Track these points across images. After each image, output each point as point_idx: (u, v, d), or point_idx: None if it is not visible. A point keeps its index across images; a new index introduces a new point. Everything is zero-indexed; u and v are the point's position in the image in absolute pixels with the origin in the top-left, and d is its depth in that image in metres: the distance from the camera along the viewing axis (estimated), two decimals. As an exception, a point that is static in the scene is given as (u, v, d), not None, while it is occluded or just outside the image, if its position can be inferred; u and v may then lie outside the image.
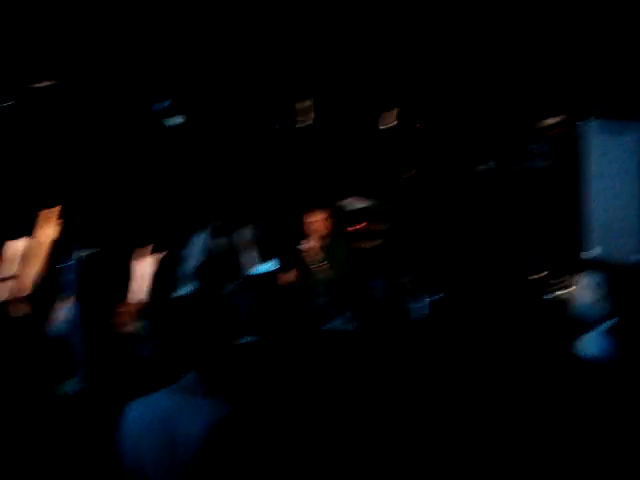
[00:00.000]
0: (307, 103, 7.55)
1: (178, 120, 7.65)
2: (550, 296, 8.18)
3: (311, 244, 7.84)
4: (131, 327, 4.69)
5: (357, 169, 10.01)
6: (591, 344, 4.70)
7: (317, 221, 7.86)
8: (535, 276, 8.86)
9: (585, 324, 4.95)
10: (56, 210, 8.16)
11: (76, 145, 8.36)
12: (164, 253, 9.05)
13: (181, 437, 3.41)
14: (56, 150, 8.32)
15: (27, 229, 7.74)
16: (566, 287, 7.23)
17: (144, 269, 4.99)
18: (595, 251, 7.54)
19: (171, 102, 7.10)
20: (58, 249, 5.49)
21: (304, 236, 7.92)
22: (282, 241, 8.84)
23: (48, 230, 4.78)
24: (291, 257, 8.65)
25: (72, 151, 8.44)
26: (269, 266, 7.68)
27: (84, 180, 8.66)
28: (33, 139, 8.01)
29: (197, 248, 8.33)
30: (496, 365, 5.14)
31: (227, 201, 8.56)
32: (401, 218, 9.91)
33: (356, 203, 9.68)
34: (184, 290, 7.80)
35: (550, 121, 8.76)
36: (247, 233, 8.19)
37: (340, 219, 8.18)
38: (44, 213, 4.61)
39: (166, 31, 5.58)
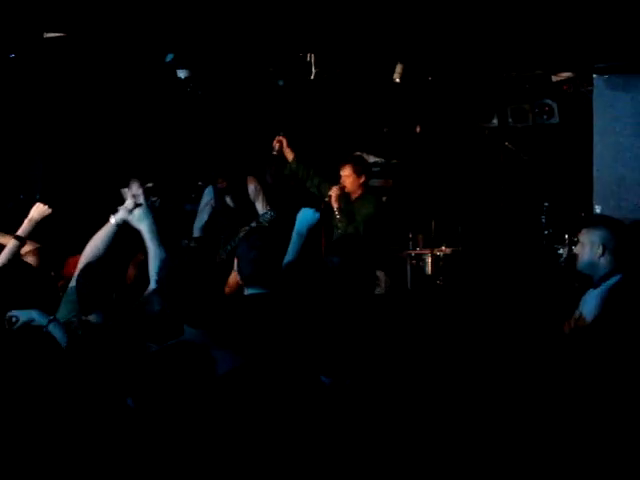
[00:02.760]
0: (310, 57, 7.47)
1: (183, 74, 7.61)
2: (557, 251, 8.18)
3: (335, 197, 7.82)
4: (139, 281, 4.70)
5: (364, 124, 9.97)
6: (595, 301, 4.71)
7: (346, 176, 7.86)
8: (541, 232, 8.85)
9: (590, 281, 4.95)
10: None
11: (85, 96, 8.37)
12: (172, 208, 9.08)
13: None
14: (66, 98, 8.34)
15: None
16: (572, 243, 7.22)
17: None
18: (602, 207, 7.52)
19: (175, 56, 7.06)
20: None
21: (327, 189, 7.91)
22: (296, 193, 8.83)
23: None
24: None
25: (79, 102, 8.46)
26: (272, 216, 7.65)
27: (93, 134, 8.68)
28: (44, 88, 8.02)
29: (205, 201, 8.36)
30: (501, 321, 5.15)
31: (234, 155, 8.55)
32: (408, 174, 9.89)
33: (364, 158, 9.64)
34: (191, 244, 7.84)
35: (559, 77, 8.70)
36: (253, 185, 8.20)
37: (366, 173, 8.14)
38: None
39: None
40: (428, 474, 3.41)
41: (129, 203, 4.65)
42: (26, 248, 5.71)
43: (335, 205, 7.81)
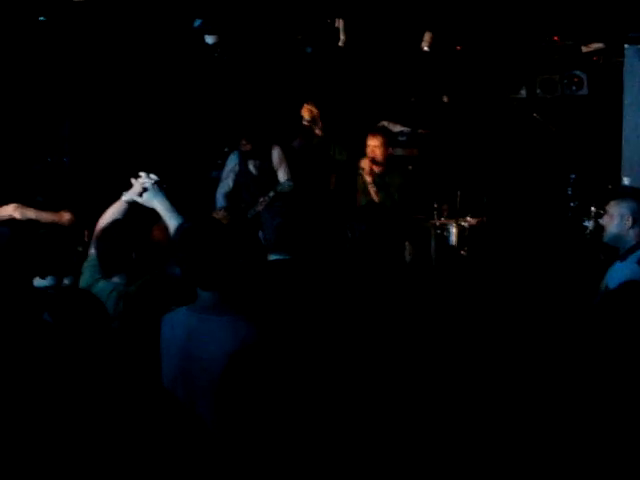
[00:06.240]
0: (339, 23, 7.42)
1: (211, 40, 7.59)
2: (583, 224, 8.13)
3: (368, 170, 7.81)
4: (163, 246, 4.70)
5: (391, 92, 9.92)
6: (621, 273, 4.69)
7: (376, 146, 7.84)
8: (568, 204, 8.80)
9: (616, 252, 4.93)
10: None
11: (112, 60, 8.37)
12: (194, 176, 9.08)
13: (202, 354, 3.45)
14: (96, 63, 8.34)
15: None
16: (599, 215, 7.18)
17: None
18: (630, 179, 7.47)
19: (203, 21, 7.04)
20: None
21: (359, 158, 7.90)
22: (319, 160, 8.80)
23: None
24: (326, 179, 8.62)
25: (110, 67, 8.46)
26: (289, 186, 7.62)
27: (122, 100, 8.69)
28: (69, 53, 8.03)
29: (230, 168, 8.32)
30: (524, 293, 5.14)
31: (258, 122, 8.50)
32: (435, 143, 9.85)
33: (391, 127, 9.61)
34: (211, 211, 7.84)
35: (589, 48, 8.61)
36: (277, 153, 8.15)
37: (392, 144, 8.14)
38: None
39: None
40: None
41: (136, 188, 4.62)
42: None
43: (369, 178, 7.81)
